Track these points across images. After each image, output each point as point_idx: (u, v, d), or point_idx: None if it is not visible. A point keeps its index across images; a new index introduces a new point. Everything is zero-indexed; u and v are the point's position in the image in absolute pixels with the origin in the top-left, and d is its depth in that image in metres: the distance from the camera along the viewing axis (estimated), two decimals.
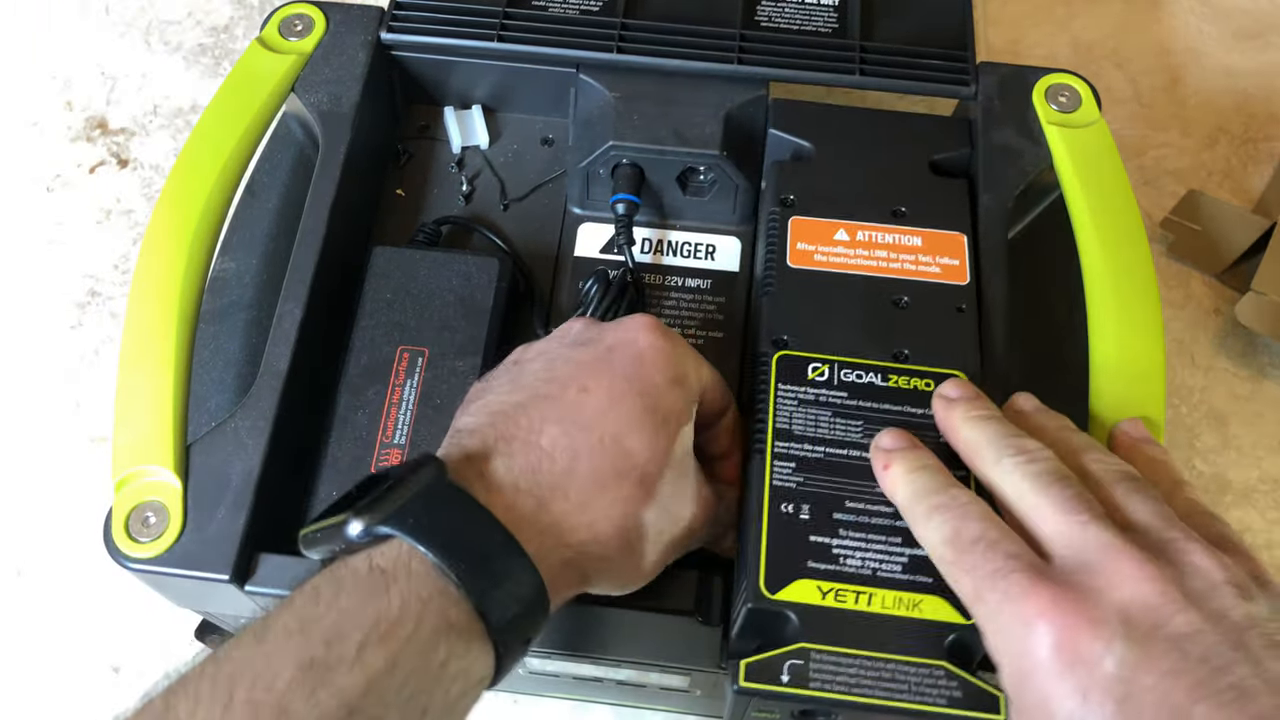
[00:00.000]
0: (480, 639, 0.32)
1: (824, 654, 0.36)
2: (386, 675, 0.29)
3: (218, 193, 0.47)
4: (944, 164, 0.49)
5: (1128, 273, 0.45)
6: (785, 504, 0.38)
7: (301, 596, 0.31)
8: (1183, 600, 0.30)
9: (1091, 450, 0.36)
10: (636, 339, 0.38)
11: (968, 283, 0.44)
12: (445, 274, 0.46)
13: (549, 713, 0.54)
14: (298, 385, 0.43)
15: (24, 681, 0.55)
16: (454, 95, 0.53)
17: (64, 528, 0.58)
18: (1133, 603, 0.30)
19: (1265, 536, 0.57)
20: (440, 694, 0.30)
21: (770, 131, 0.49)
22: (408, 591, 0.31)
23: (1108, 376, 0.43)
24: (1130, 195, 0.47)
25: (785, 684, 0.35)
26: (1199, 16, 0.72)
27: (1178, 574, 0.30)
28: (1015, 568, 0.32)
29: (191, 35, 0.73)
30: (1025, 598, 0.31)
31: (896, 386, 0.41)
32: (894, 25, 0.52)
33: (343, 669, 0.29)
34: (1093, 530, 0.32)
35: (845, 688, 0.35)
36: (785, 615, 0.37)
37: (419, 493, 0.33)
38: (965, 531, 0.34)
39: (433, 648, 0.30)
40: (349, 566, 0.31)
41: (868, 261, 0.45)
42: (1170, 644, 0.29)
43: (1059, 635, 0.30)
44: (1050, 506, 0.33)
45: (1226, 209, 0.62)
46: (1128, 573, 0.30)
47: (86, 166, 0.68)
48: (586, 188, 0.50)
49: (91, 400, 0.61)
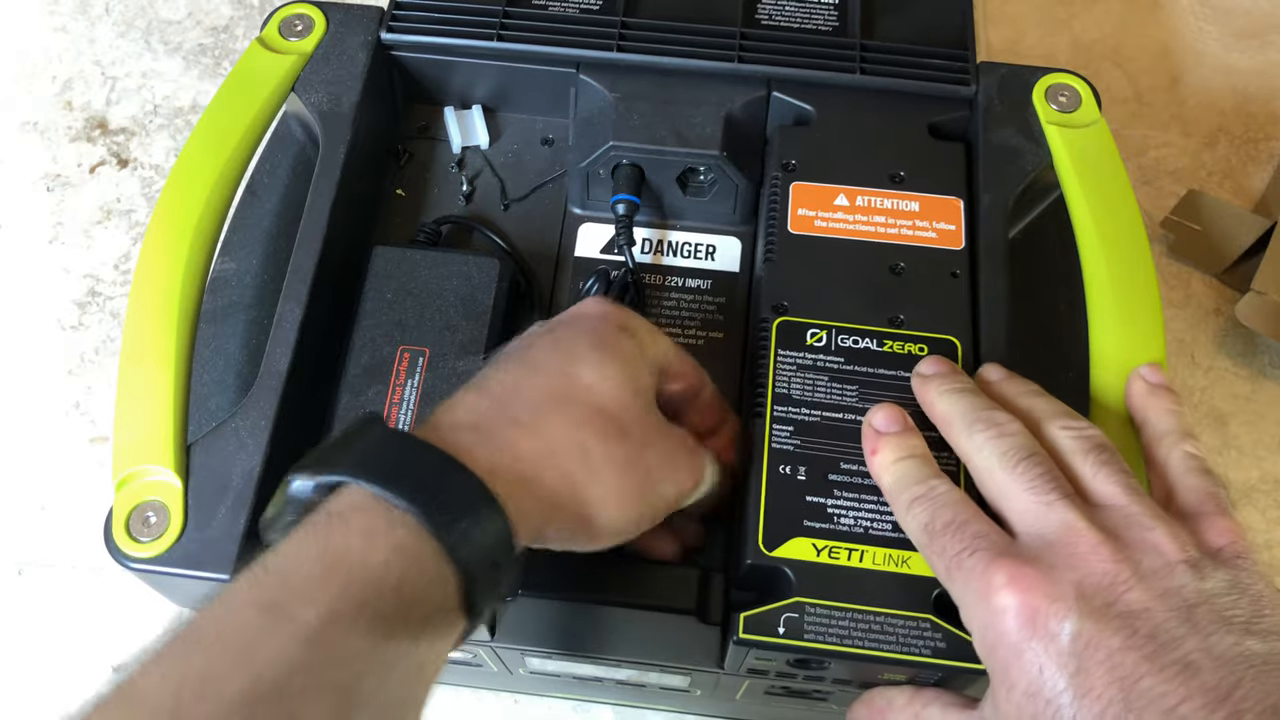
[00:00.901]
0: (435, 558, 0.31)
1: (818, 607, 0.38)
2: (341, 601, 0.28)
3: (218, 193, 0.47)
4: (943, 126, 0.49)
5: (1128, 273, 0.45)
6: (783, 465, 0.40)
7: (262, 556, 0.30)
8: (1135, 578, 0.31)
9: (1059, 419, 0.38)
10: (583, 307, 0.40)
11: (963, 248, 0.46)
12: (446, 274, 0.46)
13: (550, 712, 0.54)
14: (298, 385, 0.43)
15: (24, 681, 0.55)
16: (454, 95, 0.53)
17: (64, 527, 0.58)
18: (1087, 580, 0.31)
19: (1265, 536, 0.57)
20: (404, 623, 0.29)
21: (773, 95, 0.49)
22: (354, 521, 0.30)
23: (1108, 376, 0.43)
24: (1130, 195, 0.47)
25: (781, 635, 0.38)
26: (1199, 16, 0.72)
27: (1133, 553, 0.32)
28: (980, 546, 0.34)
29: (192, 35, 0.73)
30: (988, 573, 0.33)
31: (891, 351, 0.43)
32: (894, 24, 0.52)
33: (300, 604, 0.28)
34: (1057, 510, 0.33)
35: (837, 639, 0.37)
36: (782, 571, 0.39)
37: (356, 440, 0.33)
38: (939, 518, 0.35)
39: (385, 571, 0.29)
40: (304, 520, 0.31)
41: (866, 227, 0.46)
42: (1121, 620, 0.31)
43: (1019, 609, 0.32)
44: (1017, 484, 0.35)
45: (1227, 209, 0.62)
46: (1084, 551, 0.32)
47: (87, 166, 0.68)
48: (587, 188, 0.50)
49: (92, 400, 0.61)
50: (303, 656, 0.27)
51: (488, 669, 0.48)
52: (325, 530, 0.30)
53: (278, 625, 0.28)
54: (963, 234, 0.46)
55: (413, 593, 0.30)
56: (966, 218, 0.46)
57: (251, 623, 0.28)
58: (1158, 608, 0.31)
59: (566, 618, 0.41)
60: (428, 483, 0.31)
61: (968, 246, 0.46)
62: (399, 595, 0.30)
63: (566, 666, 0.46)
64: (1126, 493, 0.34)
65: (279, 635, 0.28)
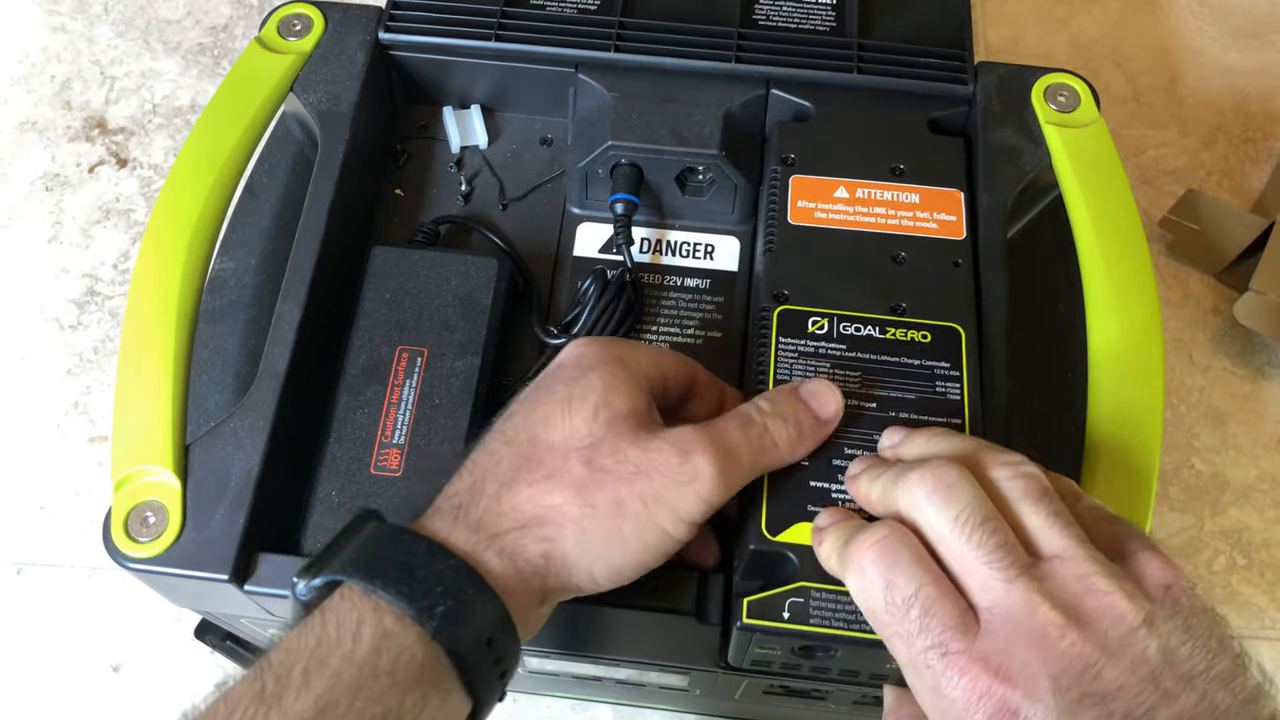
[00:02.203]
0: (422, 642, 0.32)
1: (823, 592, 0.37)
2: (331, 692, 0.30)
3: (217, 192, 0.47)
4: (942, 121, 0.49)
5: (1126, 272, 0.45)
6: None
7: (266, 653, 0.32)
8: (1104, 658, 0.31)
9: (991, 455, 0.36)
10: (560, 356, 0.39)
11: (964, 238, 0.45)
12: (444, 274, 0.46)
13: (549, 712, 0.54)
14: (297, 385, 0.43)
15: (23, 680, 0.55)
16: (453, 95, 0.53)
17: (63, 527, 0.58)
18: (1061, 672, 0.31)
19: (1263, 535, 0.57)
20: (398, 708, 0.31)
21: (772, 92, 0.49)
22: (344, 615, 0.32)
23: (1106, 376, 0.43)
24: (1129, 195, 0.47)
25: (786, 620, 0.37)
26: (1198, 16, 0.72)
27: (1098, 626, 0.32)
28: (955, 646, 0.32)
29: (191, 35, 0.73)
30: (967, 678, 0.32)
31: (894, 338, 0.42)
32: (892, 24, 0.52)
33: (290, 694, 0.30)
34: (1018, 589, 0.32)
35: (844, 624, 0.36)
36: (786, 556, 0.38)
37: (349, 539, 0.35)
38: (898, 587, 0.33)
39: (376, 659, 0.31)
40: (303, 619, 0.33)
41: (866, 218, 0.46)
42: (1099, 706, 0.31)
43: (999, 710, 0.31)
44: (975, 557, 0.33)
45: (1225, 208, 0.62)
46: (1054, 637, 0.31)
47: (86, 166, 0.68)
48: (585, 187, 0.50)
49: (90, 400, 0.61)
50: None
51: None
52: (320, 625, 0.32)
53: (272, 715, 0.30)
54: (964, 225, 0.45)
55: (406, 677, 0.31)
56: (967, 210, 0.46)
57: (249, 714, 0.30)
58: (1129, 683, 0.31)
59: (566, 618, 0.41)
60: (409, 572, 0.33)
61: (969, 237, 0.45)
62: (392, 680, 0.31)
63: (566, 666, 0.46)
64: (1077, 545, 0.33)
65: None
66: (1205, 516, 0.57)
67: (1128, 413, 0.42)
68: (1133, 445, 0.41)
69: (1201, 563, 0.56)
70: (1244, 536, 0.57)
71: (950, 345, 0.42)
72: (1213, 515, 0.57)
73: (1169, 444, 0.59)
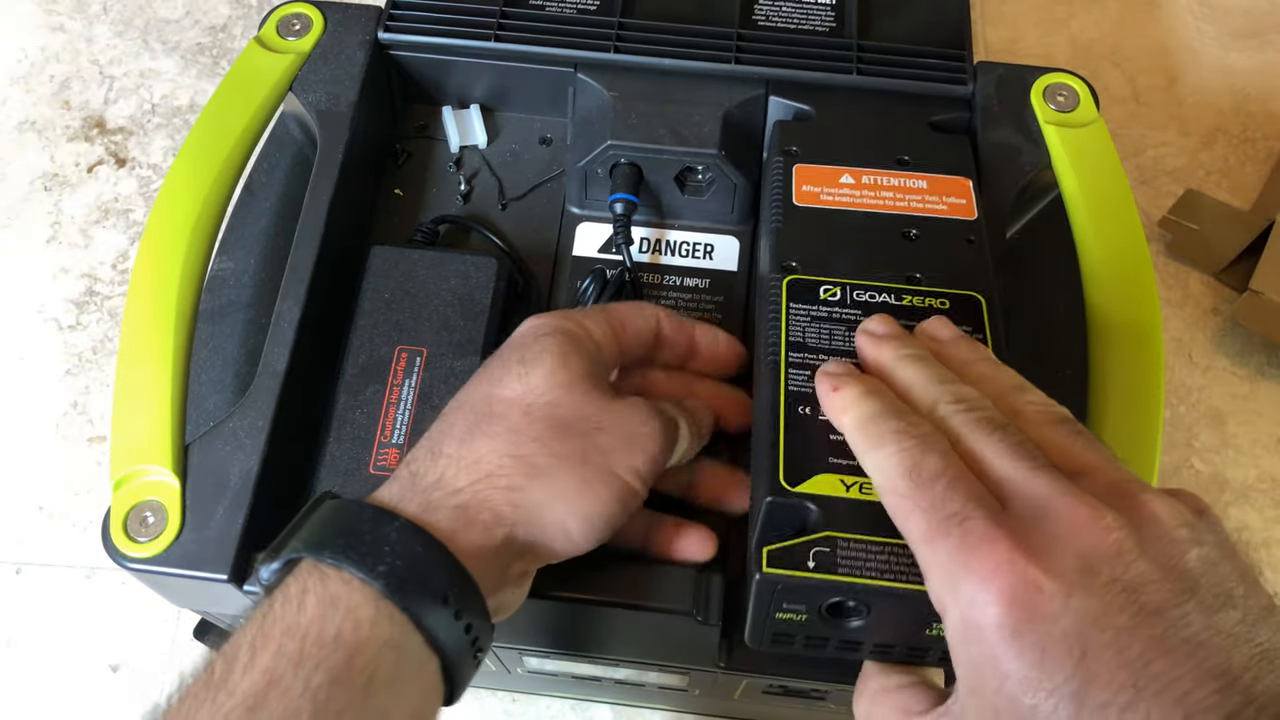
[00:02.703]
0: (367, 601, 0.32)
1: (851, 541, 0.33)
2: (276, 666, 0.30)
3: (216, 192, 0.47)
4: (944, 125, 0.49)
5: (1126, 272, 0.45)
6: (802, 406, 0.37)
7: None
8: (1138, 549, 0.28)
9: (1021, 392, 0.35)
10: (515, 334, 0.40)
11: (976, 217, 0.43)
12: (443, 273, 0.46)
13: (548, 711, 0.54)
14: (296, 385, 0.43)
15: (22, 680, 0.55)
16: (452, 95, 0.53)
17: (62, 527, 0.58)
18: (1091, 552, 0.28)
19: (1263, 535, 0.57)
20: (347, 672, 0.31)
21: (771, 99, 0.49)
22: (290, 590, 0.32)
23: (1106, 375, 0.43)
24: (1128, 194, 0.47)
25: (811, 570, 0.33)
26: (1197, 16, 0.72)
27: (1132, 521, 0.29)
28: (974, 513, 0.30)
29: (190, 34, 0.73)
30: (983, 547, 0.29)
31: (912, 305, 0.39)
32: (891, 24, 0.52)
33: (236, 673, 0.30)
34: (1043, 476, 0.30)
35: (876, 573, 0.33)
36: (806, 508, 0.34)
37: (304, 519, 0.35)
38: (926, 465, 0.31)
39: (318, 625, 0.31)
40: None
41: (874, 201, 0.44)
42: (1128, 596, 0.28)
43: (1017, 590, 0.28)
44: (995, 452, 0.31)
45: (1224, 208, 0.63)
46: (1084, 521, 0.29)
47: (85, 166, 0.68)
48: (585, 187, 0.50)
49: (90, 400, 0.61)
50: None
51: (486, 668, 0.48)
52: (268, 604, 0.32)
53: (219, 697, 0.30)
54: (975, 207, 0.43)
55: (353, 639, 0.31)
56: (977, 196, 0.44)
57: (199, 699, 0.30)
58: (1164, 581, 0.28)
59: (565, 618, 0.41)
60: (355, 539, 0.33)
61: (981, 217, 0.43)
62: (338, 644, 0.31)
63: (565, 666, 0.46)
64: (1107, 460, 0.32)
65: (222, 707, 0.30)
66: None
67: (1127, 413, 0.42)
68: (1133, 446, 0.41)
69: None
70: (1243, 536, 0.57)
71: (971, 312, 0.39)
72: None
73: (1168, 444, 0.59)
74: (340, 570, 0.32)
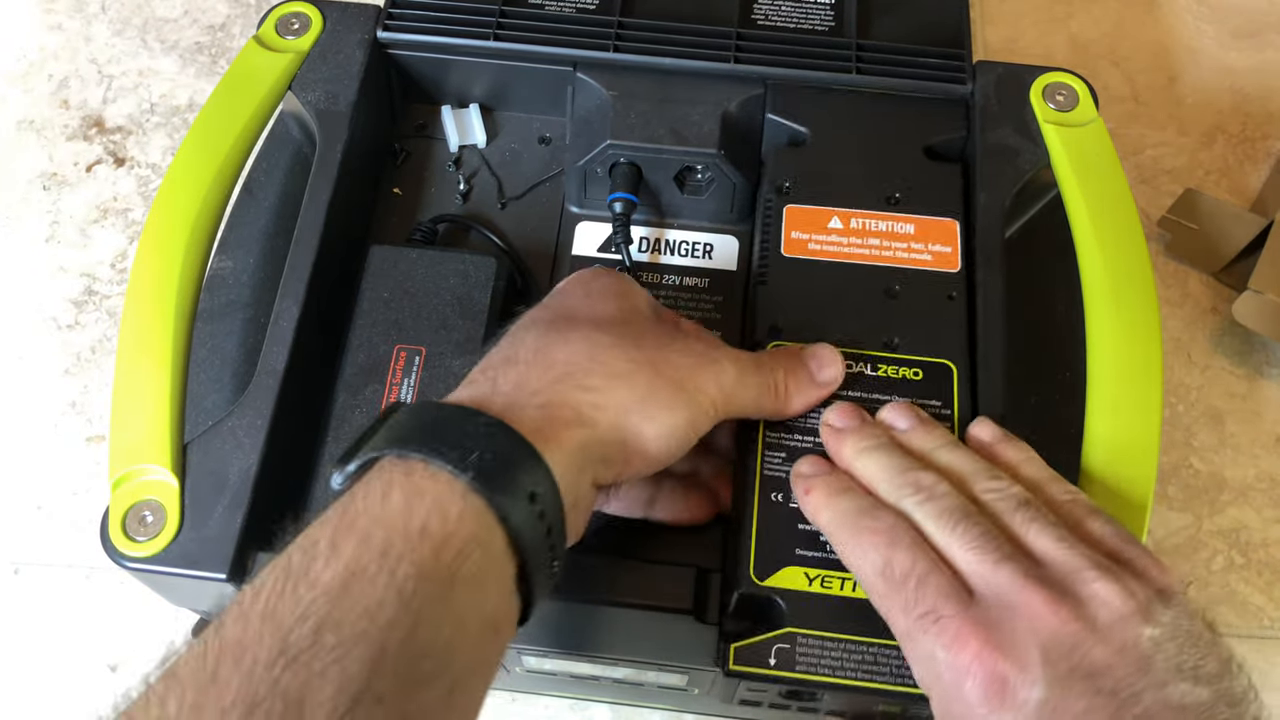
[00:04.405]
0: (454, 493, 0.31)
1: (809, 638, 0.38)
2: (359, 558, 0.29)
3: (215, 191, 0.47)
4: (939, 148, 0.49)
5: (1125, 271, 0.45)
6: (775, 493, 0.40)
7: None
8: (1093, 636, 0.32)
9: (981, 478, 0.37)
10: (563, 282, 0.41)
11: (959, 270, 0.45)
12: (442, 273, 0.46)
13: (546, 711, 0.54)
14: (295, 384, 0.43)
15: (21, 680, 0.55)
16: (451, 94, 0.53)
17: (61, 526, 0.58)
18: (1051, 644, 0.31)
19: (1261, 535, 0.57)
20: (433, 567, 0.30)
21: (768, 117, 0.49)
22: (373, 484, 0.31)
23: (1105, 375, 0.43)
24: (1128, 194, 0.47)
25: (773, 667, 0.37)
26: (1196, 15, 0.72)
27: (1087, 608, 0.32)
28: (946, 611, 0.33)
29: (188, 33, 0.73)
30: (958, 643, 0.32)
31: (885, 376, 0.43)
32: (891, 23, 0.52)
33: (318, 564, 0.29)
34: (1005, 570, 0.33)
35: (829, 670, 0.37)
36: (774, 600, 0.38)
37: (379, 424, 0.34)
38: (897, 563, 0.34)
39: (404, 518, 0.30)
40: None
41: (860, 250, 0.46)
42: (1086, 681, 0.31)
43: (989, 680, 0.31)
44: (960, 546, 0.34)
45: (1224, 207, 0.62)
46: (1043, 614, 0.32)
47: (83, 165, 0.68)
48: (584, 186, 0.50)
49: (88, 399, 0.61)
50: (329, 614, 0.28)
51: None
52: (349, 498, 0.31)
53: (299, 589, 0.28)
54: (959, 256, 0.46)
55: (440, 532, 0.30)
56: (963, 239, 0.46)
57: (278, 590, 0.29)
58: (1118, 664, 0.31)
59: (563, 617, 0.41)
60: (439, 433, 0.32)
61: (964, 269, 0.45)
62: (424, 536, 0.30)
63: (563, 665, 0.46)
64: (1060, 545, 0.34)
65: (303, 598, 0.28)
66: (1203, 516, 0.57)
67: (1126, 412, 0.42)
68: (1132, 445, 0.41)
69: (1200, 562, 0.56)
70: (1242, 536, 0.57)
71: (942, 383, 0.42)
72: (1211, 515, 0.57)
73: (1167, 443, 0.59)
74: (428, 464, 0.31)
